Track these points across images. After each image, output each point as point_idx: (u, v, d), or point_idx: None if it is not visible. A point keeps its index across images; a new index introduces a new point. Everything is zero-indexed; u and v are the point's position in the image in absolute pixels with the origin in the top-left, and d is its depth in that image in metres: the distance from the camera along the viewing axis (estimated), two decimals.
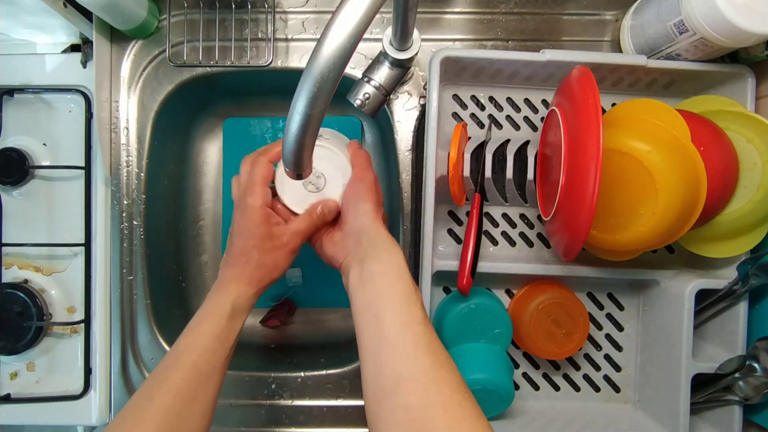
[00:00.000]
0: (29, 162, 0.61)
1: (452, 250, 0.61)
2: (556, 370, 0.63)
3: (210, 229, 0.74)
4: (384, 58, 0.58)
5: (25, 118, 0.62)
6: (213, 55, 0.62)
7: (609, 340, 0.62)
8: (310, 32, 0.63)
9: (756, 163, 0.51)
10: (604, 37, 0.63)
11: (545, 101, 0.61)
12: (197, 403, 0.42)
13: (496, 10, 0.63)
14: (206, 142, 0.74)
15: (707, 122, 0.52)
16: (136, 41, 0.63)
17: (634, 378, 0.62)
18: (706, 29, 0.48)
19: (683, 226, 0.50)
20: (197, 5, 0.62)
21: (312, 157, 0.37)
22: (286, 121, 0.34)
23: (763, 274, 0.52)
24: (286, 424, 0.62)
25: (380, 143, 0.73)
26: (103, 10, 0.55)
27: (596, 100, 0.45)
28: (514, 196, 0.59)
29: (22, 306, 0.60)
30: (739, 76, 0.55)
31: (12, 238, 0.62)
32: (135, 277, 0.63)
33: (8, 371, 0.62)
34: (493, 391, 0.54)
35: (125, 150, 0.63)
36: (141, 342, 0.63)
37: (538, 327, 0.57)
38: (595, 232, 0.50)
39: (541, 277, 0.59)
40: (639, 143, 0.48)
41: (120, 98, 0.63)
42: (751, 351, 0.54)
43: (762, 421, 0.55)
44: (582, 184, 0.45)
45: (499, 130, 0.61)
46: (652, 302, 0.60)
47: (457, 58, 0.55)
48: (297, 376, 0.63)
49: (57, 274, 0.63)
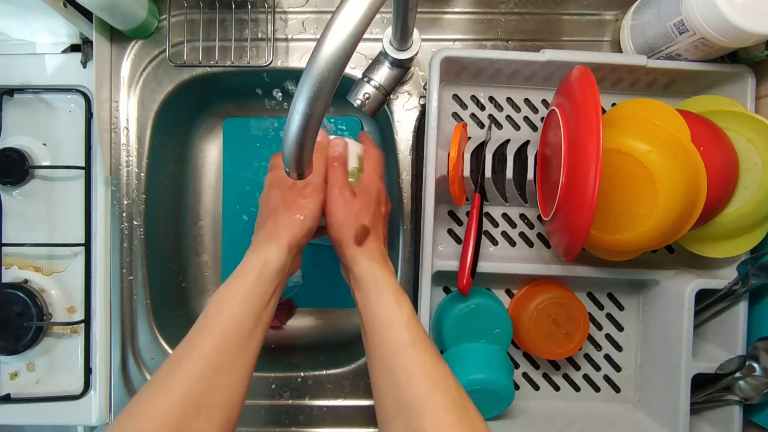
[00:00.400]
0: (29, 162, 0.61)
1: (452, 250, 0.61)
2: (556, 370, 0.62)
3: (210, 229, 0.74)
4: (384, 58, 0.58)
5: (25, 118, 0.62)
6: (213, 55, 0.62)
7: (609, 340, 0.62)
8: (310, 32, 0.63)
9: (756, 163, 0.51)
10: (604, 37, 0.63)
11: (545, 101, 0.61)
12: (227, 373, 0.39)
13: (496, 10, 0.63)
14: (206, 142, 0.74)
15: (707, 122, 0.52)
16: (136, 41, 0.63)
17: (634, 378, 0.62)
18: (706, 29, 0.48)
19: (683, 226, 0.50)
20: (197, 5, 0.62)
21: (312, 157, 0.37)
22: (286, 121, 0.34)
23: (763, 274, 0.52)
24: (286, 424, 0.62)
25: (380, 143, 0.73)
26: (103, 10, 0.55)
27: (596, 100, 0.45)
28: (514, 196, 0.59)
29: (22, 306, 0.60)
30: (739, 76, 0.55)
31: (12, 238, 0.62)
32: (135, 277, 0.63)
33: (8, 371, 0.62)
34: (493, 391, 0.54)
35: (125, 150, 0.63)
36: (141, 342, 0.63)
37: (538, 327, 0.57)
38: (595, 232, 0.50)
39: (541, 277, 0.59)
40: (639, 143, 0.48)
41: (120, 98, 0.63)
42: (751, 351, 0.54)
43: (762, 421, 0.55)
44: (582, 184, 0.45)
45: (499, 130, 0.61)
46: (652, 302, 0.60)
47: (457, 58, 0.55)
48: (297, 376, 0.63)
49: (57, 274, 0.63)
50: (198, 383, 0.37)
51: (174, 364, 0.39)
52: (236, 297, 0.41)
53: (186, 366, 0.38)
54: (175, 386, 0.37)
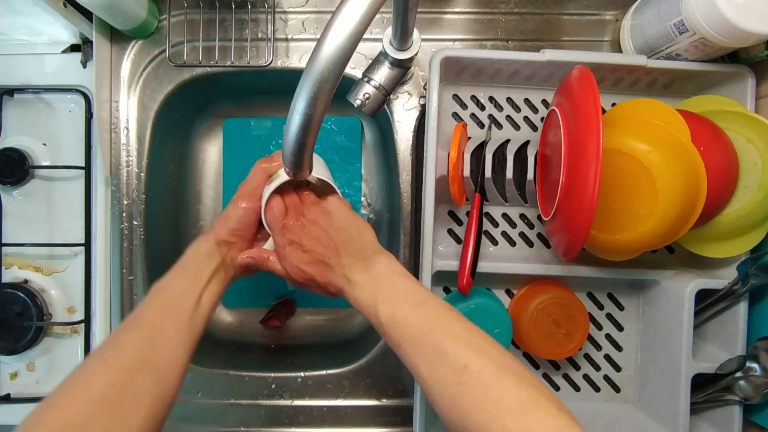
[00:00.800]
0: (29, 162, 0.61)
1: (452, 250, 0.61)
2: (556, 370, 0.62)
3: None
4: (384, 58, 0.58)
5: (25, 118, 0.62)
6: (213, 55, 0.62)
7: (609, 340, 0.62)
8: (310, 32, 0.63)
9: (756, 163, 0.51)
10: (604, 37, 0.63)
11: (545, 101, 0.61)
12: (169, 337, 0.42)
13: (496, 10, 0.63)
14: (206, 142, 0.74)
15: (707, 122, 0.52)
16: (136, 41, 0.63)
17: (634, 378, 0.62)
18: (706, 29, 0.48)
19: (683, 226, 0.50)
20: (197, 5, 0.62)
21: (312, 157, 0.37)
22: (286, 121, 0.34)
23: (763, 274, 0.52)
24: (286, 424, 0.62)
25: (380, 143, 0.73)
26: (103, 10, 0.55)
27: (596, 100, 0.45)
28: (514, 196, 0.59)
29: (22, 306, 0.60)
30: (739, 76, 0.55)
31: (12, 238, 0.62)
32: (135, 277, 0.63)
33: (8, 371, 0.62)
34: None
35: (125, 150, 0.63)
36: None
37: (538, 327, 0.57)
38: (595, 232, 0.50)
39: (541, 277, 0.59)
40: (639, 143, 0.48)
41: (120, 98, 0.63)
42: (751, 351, 0.54)
43: (762, 421, 0.55)
44: (582, 184, 0.45)
45: (499, 130, 0.61)
46: (652, 302, 0.60)
47: (457, 58, 0.55)
48: (297, 376, 0.63)
49: (57, 274, 0.63)
50: (143, 342, 0.41)
51: (121, 328, 0.42)
52: (174, 276, 0.47)
53: (132, 329, 0.42)
54: (122, 344, 0.40)
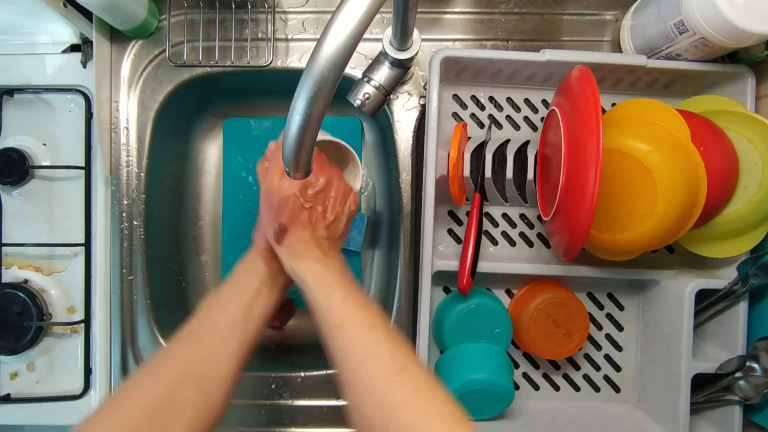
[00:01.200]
0: (29, 162, 0.61)
1: (452, 250, 0.61)
2: (556, 370, 0.62)
3: (210, 229, 0.74)
4: (384, 58, 0.58)
5: (25, 118, 0.62)
6: (213, 55, 0.62)
7: (609, 340, 0.62)
8: (310, 32, 0.63)
9: (756, 163, 0.51)
10: (604, 37, 0.63)
11: (545, 101, 0.61)
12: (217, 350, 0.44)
13: (496, 10, 0.63)
14: (206, 142, 0.74)
15: (707, 122, 0.52)
16: (136, 41, 0.63)
17: (634, 378, 0.62)
18: (706, 29, 0.48)
19: (683, 226, 0.50)
20: (197, 5, 0.62)
21: (312, 157, 0.37)
22: (286, 121, 0.34)
23: (763, 274, 0.52)
24: (286, 424, 0.62)
25: (380, 143, 0.73)
26: (103, 10, 0.55)
27: (596, 100, 0.45)
28: (514, 196, 0.59)
29: (22, 306, 0.60)
30: (739, 76, 0.55)
31: (12, 238, 0.62)
32: (135, 277, 0.63)
33: (8, 371, 0.62)
34: (493, 391, 0.54)
35: (125, 150, 0.63)
36: (141, 342, 0.63)
37: (538, 327, 0.57)
38: (595, 232, 0.50)
39: (541, 277, 0.59)
40: (639, 143, 0.48)
41: (120, 98, 0.62)
42: (751, 351, 0.54)
43: (762, 421, 0.55)
44: (582, 184, 0.45)
45: (499, 130, 0.61)
46: (652, 302, 0.60)
47: (457, 58, 0.55)
48: (297, 376, 0.63)
49: (57, 274, 0.63)
50: (190, 355, 0.43)
51: (172, 342, 0.45)
52: (222, 291, 0.48)
53: (180, 342, 0.44)
54: (170, 358, 0.43)
